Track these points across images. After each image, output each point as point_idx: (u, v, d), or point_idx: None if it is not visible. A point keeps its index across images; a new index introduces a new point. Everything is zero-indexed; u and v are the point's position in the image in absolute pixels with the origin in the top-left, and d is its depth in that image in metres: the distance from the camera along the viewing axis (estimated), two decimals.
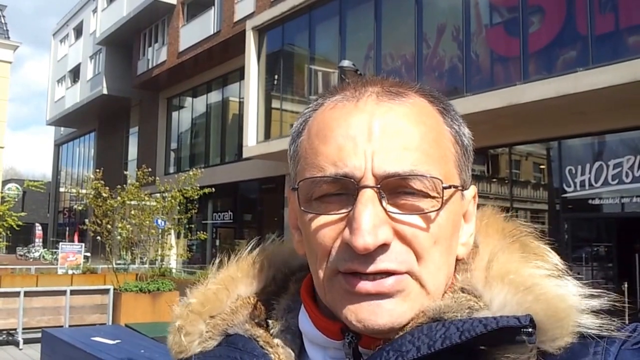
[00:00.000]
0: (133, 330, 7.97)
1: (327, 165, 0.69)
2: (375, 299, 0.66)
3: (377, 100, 0.72)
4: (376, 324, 0.66)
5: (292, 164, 0.78)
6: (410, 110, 0.72)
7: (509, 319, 0.62)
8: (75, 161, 42.25)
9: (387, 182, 0.67)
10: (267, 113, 18.86)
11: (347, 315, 0.67)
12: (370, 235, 0.64)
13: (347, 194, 0.68)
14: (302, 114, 0.79)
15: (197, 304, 0.82)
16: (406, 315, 0.67)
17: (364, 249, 0.64)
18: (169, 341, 0.83)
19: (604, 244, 11.54)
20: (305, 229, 0.72)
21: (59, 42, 41.63)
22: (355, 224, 0.65)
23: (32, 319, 10.32)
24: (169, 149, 28.53)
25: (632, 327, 0.66)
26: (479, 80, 12.40)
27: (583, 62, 10.23)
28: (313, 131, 0.74)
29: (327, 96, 0.77)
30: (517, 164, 13.29)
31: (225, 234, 23.70)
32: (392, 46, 14.71)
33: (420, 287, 0.68)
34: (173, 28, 26.17)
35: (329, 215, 0.69)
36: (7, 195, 24.48)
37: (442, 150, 0.72)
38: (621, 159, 10.51)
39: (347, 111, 0.71)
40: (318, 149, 0.71)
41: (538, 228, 0.77)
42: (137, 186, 14.60)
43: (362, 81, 0.76)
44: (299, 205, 0.72)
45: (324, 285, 0.70)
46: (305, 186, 0.71)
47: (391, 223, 0.67)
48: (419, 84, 0.77)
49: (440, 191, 0.68)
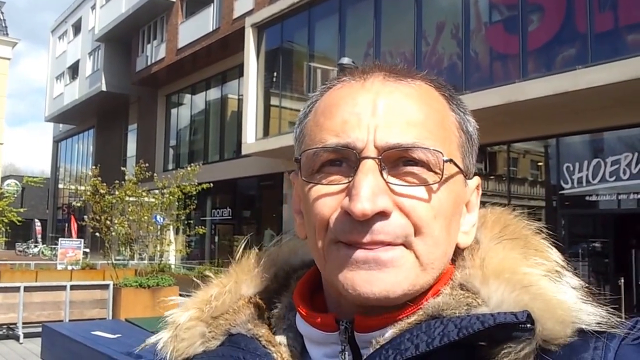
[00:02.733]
0: (133, 325, 8.00)
1: (329, 137, 0.70)
2: (371, 269, 0.67)
3: (383, 80, 0.73)
4: (371, 293, 0.66)
5: (296, 146, 0.79)
6: (416, 91, 0.73)
7: (506, 315, 0.63)
8: (74, 158, 42.19)
9: (388, 154, 0.68)
10: (266, 110, 18.86)
11: (344, 284, 0.68)
12: (368, 202, 0.64)
13: (348, 165, 0.69)
14: (310, 97, 0.81)
15: (195, 310, 0.83)
16: (401, 285, 0.67)
17: (362, 214, 0.65)
18: (162, 348, 0.82)
19: (601, 240, 11.60)
20: (306, 201, 0.73)
21: (58, 39, 41.56)
22: (354, 190, 0.66)
23: (32, 314, 10.34)
24: (168, 145, 28.50)
25: (632, 322, 0.66)
26: (478, 77, 12.42)
27: (582, 60, 10.25)
28: (319, 111, 0.75)
29: (335, 80, 0.78)
30: (515, 162, 13.33)
31: (224, 230, 23.72)
32: (391, 43, 14.73)
33: (415, 259, 0.68)
34: (172, 25, 26.13)
35: (330, 186, 0.70)
36: (6, 192, 24.46)
37: (446, 132, 0.73)
38: (619, 156, 10.55)
39: (354, 90, 0.73)
40: (323, 125, 0.73)
41: (542, 226, 0.78)
42: (134, 182, 14.61)
43: (370, 65, 0.77)
44: (300, 176, 0.73)
45: (323, 256, 0.71)
46: (307, 158, 0.72)
47: (391, 195, 0.67)
48: (425, 72, 0.78)
49: (442, 165, 0.69)
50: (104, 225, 14.14)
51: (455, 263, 0.75)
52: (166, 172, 20.50)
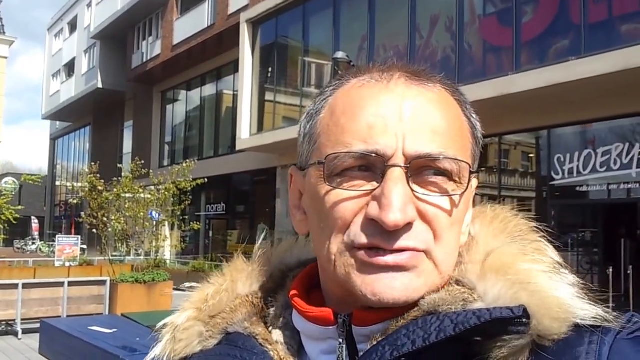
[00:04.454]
0: (129, 320, 8.05)
1: (354, 141, 0.69)
2: (392, 272, 0.67)
3: (407, 83, 0.72)
4: (392, 297, 0.66)
5: (306, 142, 0.77)
6: (438, 97, 0.73)
7: (502, 310, 0.63)
8: (71, 155, 42.20)
9: (415, 162, 0.68)
10: (260, 106, 18.87)
11: (362, 289, 0.67)
12: (400, 213, 0.65)
13: (373, 171, 0.69)
14: (322, 92, 0.78)
15: (192, 310, 0.83)
16: (420, 291, 0.68)
17: (394, 225, 0.65)
18: (158, 349, 0.83)
19: (590, 230, 11.67)
20: (321, 204, 0.72)
21: (54, 37, 41.51)
22: (385, 200, 0.65)
23: (30, 310, 10.39)
24: (164, 142, 28.50)
25: (627, 317, 0.66)
26: (471, 70, 12.44)
27: (576, 51, 10.25)
28: (339, 109, 0.73)
29: (351, 77, 0.76)
30: (506, 153, 13.36)
31: (219, 225, 23.79)
32: (385, 37, 14.75)
33: (434, 266, 0.69)
34: (167, 21, 26.10)
35: (352, 191, 0.69)
36: (4, 189, 24.47)
37: (463, 140, 0.73)
38: (610, 146, 10.60)
39: (378, 91, 0.72)
40: (345, 126, 0.70)
41: (540, 224, 0.78)
42: (130, 179, 14.65)
43: (387, 65, 0.76)
44: (323, 179, 0.71)
45: (335, 260, 0.70)
46: (329, 162, 0.70)
47: (415, 202, 0.67)
48: (441, 75, 0.78)
49: (466, 175, 0.70)
50: (100, 222, 14.18)
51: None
52: (162, 169, 20.56)
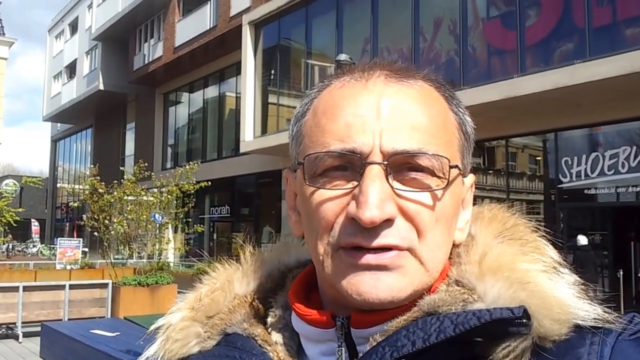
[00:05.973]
0: (132, 323, 8.00)
1: (332, 141, 0.69)
2: (376, 273, 0.66)
3: (385, 81, 0.72)
4: (377, 298, 0.66)
5: (293, 144, 0.78)
6: (418, 93, 0.72)
7: (502, 310, 0.62)
8: (72, 157, 42.19)
9: (394, 159, 0.67)
10: (263, 108, 18.86)
11: (348, 289, 0.67)
12: (377, 209, 0.64)
13: (352, 169, 0.68)
14: (307, 94, 0.79)
15: (187, 310, 0.82)
16: (406, 290, 0.67)
17: (370, 222, 0.64)
18: (152, 349, 0.82)
19: (599, 233, 11.64)
20: (307, 205, 0.72)
21: (55, 38, 41.52)
22: (362, 197, 0.65)
23: (31, 313, 10.33)
24: (166, 144, 28.49)
25: (628, 317, 0.66)
26: (476, 73, 12.42)
27: (580, 55, 10.27)
28: (320, 110, 0.73)
29: (334, 78, 0.76)
30: (514, 156, 13.37)
31: (223, 228, 23.78)
32: (389, 40, 14.71)
33: (419, 264, 0.68)
34: (169, 23, 26.10)
35: (333, 190, 0.69)
36: (4, 192, 24.43)
37: (448, 134, 0.72)
38: (617, 149, 10.58)
39: (356, 90, 0.71)
40: (325, 127, 0.71)
41: (541, 225, 0.78)
42: (133, 181, 14.59)
43: (370, 64, 0.76)
44: (304, 180, 0.71)
45: (323, 261, 0.70)
46: (309, 162, 0.70)
47: (396, 199, 0.67)
48: (425, 71, 0.77)
49: (447, 170, 0.69)
50: (102, 224, 14.12)
51: (450, 259, 0.74)
52: (164, 171, 20.50)
